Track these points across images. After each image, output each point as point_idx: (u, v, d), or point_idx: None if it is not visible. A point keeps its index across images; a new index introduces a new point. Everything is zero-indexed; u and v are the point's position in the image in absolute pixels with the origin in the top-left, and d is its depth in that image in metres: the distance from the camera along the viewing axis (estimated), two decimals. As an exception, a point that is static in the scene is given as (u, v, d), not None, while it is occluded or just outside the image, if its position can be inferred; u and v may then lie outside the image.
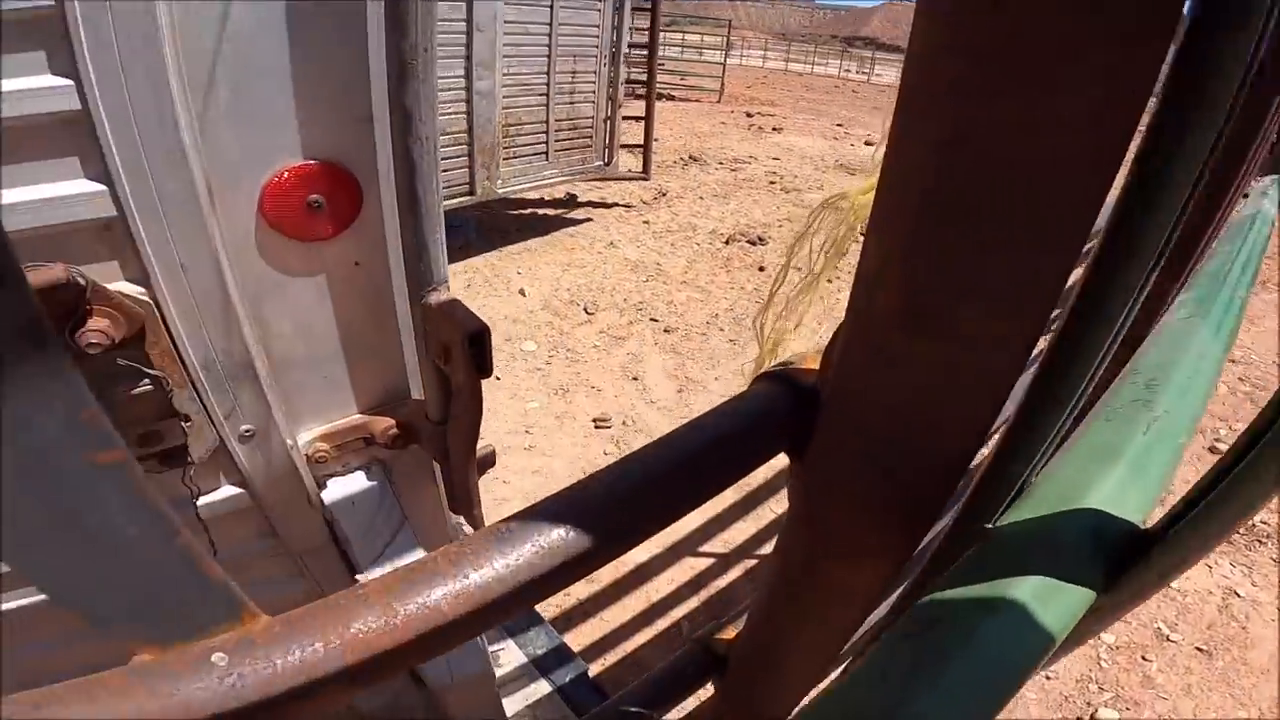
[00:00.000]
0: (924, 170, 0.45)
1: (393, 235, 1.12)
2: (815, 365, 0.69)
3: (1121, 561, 0.62)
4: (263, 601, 0.45)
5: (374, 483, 1.36)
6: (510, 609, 0.43)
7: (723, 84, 16.36)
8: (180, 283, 0.97)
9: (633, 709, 1.06)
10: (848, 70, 32.46)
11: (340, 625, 0.37)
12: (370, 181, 1.08)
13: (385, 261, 1.15)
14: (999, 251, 0.46)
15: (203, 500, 1.11)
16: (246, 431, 1.09)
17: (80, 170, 0.88)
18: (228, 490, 1.16)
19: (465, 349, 0.96)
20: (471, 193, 5.78)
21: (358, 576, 1.34)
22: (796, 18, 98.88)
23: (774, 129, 11.30)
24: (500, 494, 3.68)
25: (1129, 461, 0.73)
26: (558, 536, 0.44)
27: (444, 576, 0.41)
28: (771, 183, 8.09)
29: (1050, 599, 0.58)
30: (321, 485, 1.30)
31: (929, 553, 0.78)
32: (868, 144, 8.22)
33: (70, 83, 0.82)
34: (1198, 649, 3.10)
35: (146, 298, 0.97)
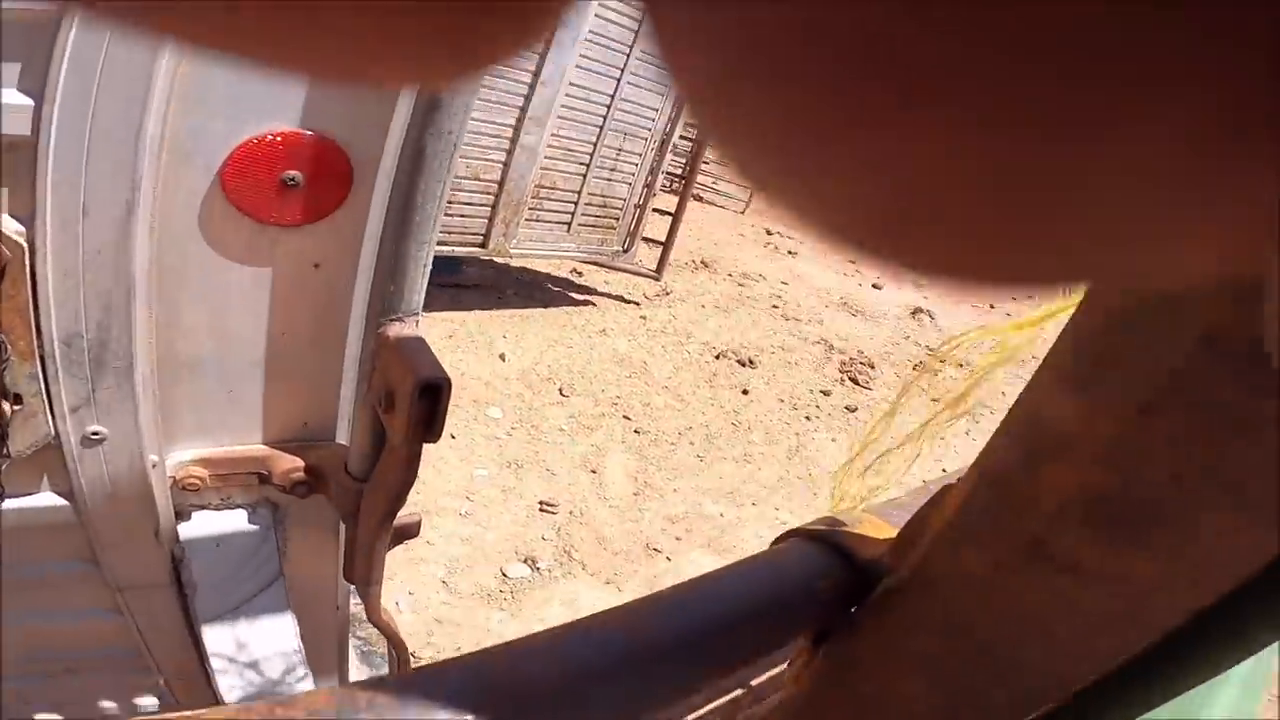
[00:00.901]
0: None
1: (371, 241, 0.91)
2: (874, 533, 0.48)
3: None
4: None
5: (255, 527, 1.09)
6: None
7: (751, 195, 16.65)
8: (73, 231, 0.75)
9: None
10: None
11: None
12: (365, 171, 0.88)
13: (353, 271, 0.93)
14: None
15: (7, 504, 0.83)
16: (94, 434, 0.83)
17: (15, 79, 0.69)
18: (47, 499, 0.89)
19: (414, 400, 0.73)
20: (484, 245, 5.54)
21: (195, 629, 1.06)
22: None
23: (789, 252, 11.47)
24: (421, 554, 3.32)
25: (1241, 682, 0.66)
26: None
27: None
28: (774, 306, 8.09)
29: None
30: (184, 516, 1.03)
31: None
32: (876, 287, 8.36)
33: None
34: None
35: (22, 240, 0.75)
